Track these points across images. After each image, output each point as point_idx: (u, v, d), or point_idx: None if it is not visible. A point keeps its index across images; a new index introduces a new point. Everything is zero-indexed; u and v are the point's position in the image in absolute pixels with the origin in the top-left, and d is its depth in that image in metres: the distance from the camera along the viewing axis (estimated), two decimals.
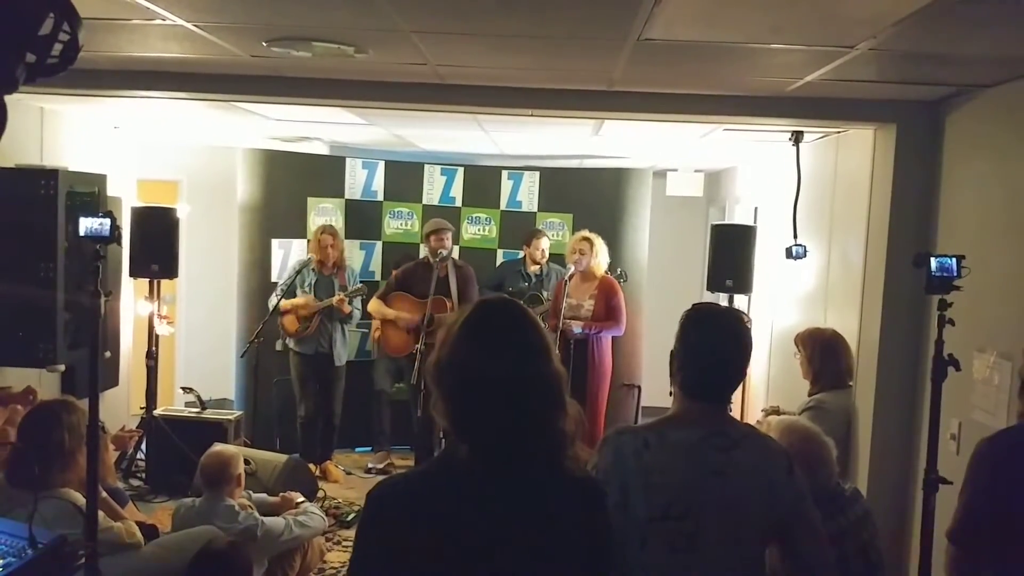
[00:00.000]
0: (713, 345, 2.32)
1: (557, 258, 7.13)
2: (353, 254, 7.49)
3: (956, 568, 2.28)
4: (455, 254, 7.29)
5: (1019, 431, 2.35)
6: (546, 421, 1.75)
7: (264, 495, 4.78)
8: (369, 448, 7.26)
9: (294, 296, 6.65)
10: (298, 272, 6.69)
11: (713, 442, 2.25)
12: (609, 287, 6.51)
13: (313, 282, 6.70)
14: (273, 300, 6.64)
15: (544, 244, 7.12)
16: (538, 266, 7.11)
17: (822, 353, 4.50)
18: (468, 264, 6.87)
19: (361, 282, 6.99)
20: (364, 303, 6.83)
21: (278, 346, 6.83)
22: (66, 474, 3.46)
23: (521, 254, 7.31)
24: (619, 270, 6.80)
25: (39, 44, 1.25)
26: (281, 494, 4.79)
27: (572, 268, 6.41)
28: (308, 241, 7.09)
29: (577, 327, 6.30)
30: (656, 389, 6.68)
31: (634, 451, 2.24)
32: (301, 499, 4.71)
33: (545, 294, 6.93)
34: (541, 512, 1.75)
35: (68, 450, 3.45)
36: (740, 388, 6.85)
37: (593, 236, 6.51)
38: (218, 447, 4.54)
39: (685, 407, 2.34)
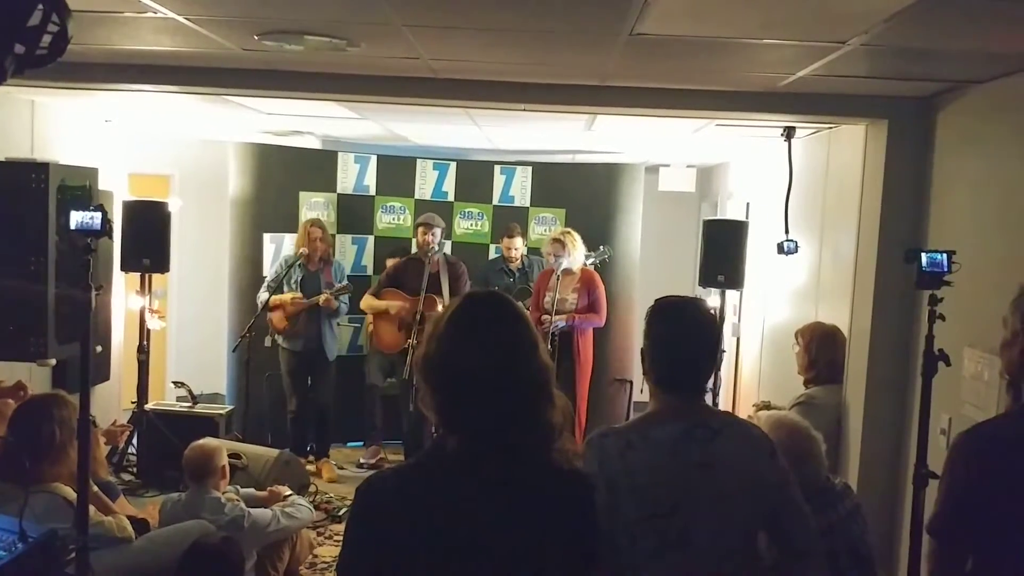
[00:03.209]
0: (680, 336, 2.34)
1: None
2: (345, 248, 7.50)
3: (936, 561, 2.29)
4: (448, 249, 7.30)
5: (997, 424, 2.36)
6: (534, 414, 1.76)
7: (252, 490, 4.78)
8: (361, 443, 7.26)
9: (282, 292, 6.63)
10: (289, 267, 6.67)
11: (695, 434, 2.26)
12: (590, 280, 6.52)
13: (299, 279, 6.67)
14: (263, 296, 6.62)
15: (517, 243, 7.09)
16: (518, 261, 7.12)
17: (819, 343, 4.52)
18: (461, 261, 6.88)
19: (349, 277, 6.99)
20: (351, 299, 6.84)
21: (267, 342, 6.81)
22: (57, 468, 3.46)
23: (501, 251, 7.32)
24: (601, 247, 6.79)
25: (28, 35, 1.25)
26: (268, 488, 4.80)
27: (563, 263, 6.39)
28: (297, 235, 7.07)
29: (561, 320, 6.30)
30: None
31: (618, 452, 2.25)
32: (288, 492, 4.71)
33: (532, 285, 6.94)
34: (529, 504, 1.76)
35: (59, 444, 3.44)
36: (731, 383, 6.92)
37: (564, 235, 6.45)
38: (200, 440, 4.54)
39: (663, 402, 2.35)
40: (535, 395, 1.76)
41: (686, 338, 2.33)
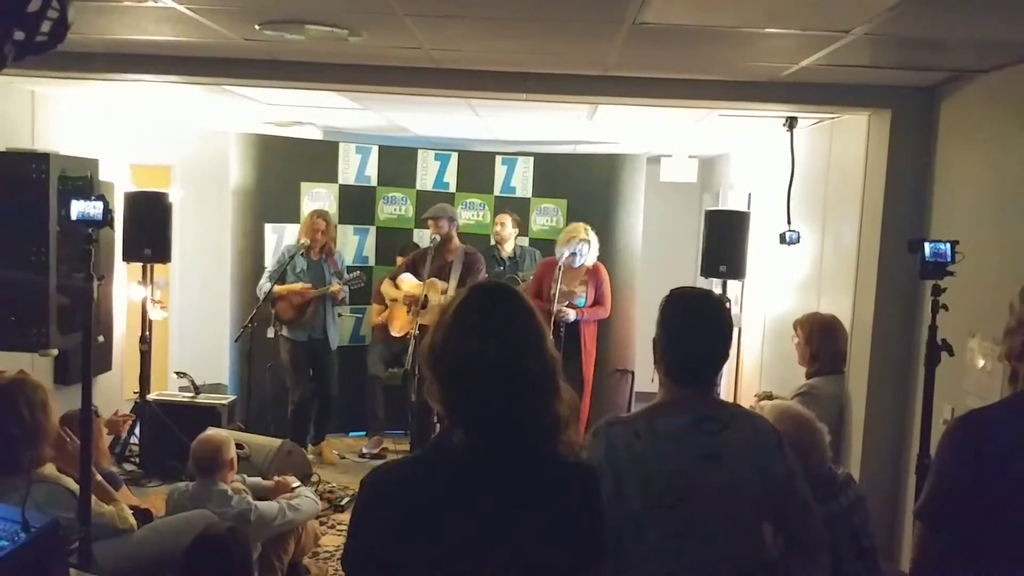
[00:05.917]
0: (694, 329, 2.33)
1: (551, 243, 7.09)
2: (347, 239, 7.49)
3: (923, 545, 2.28)
4: None
5: (989, 411, 2.35)
6: (540, 405, 1.74)
7: (259, 479, 4.77)
8: (363, 433, 7.27)
9: (284, 282, 6.63)
10: (292, 257, 6.66)
11: (704, 427, 2.26)
12: (598, 273, 6.50)
13: (305, 267, 6.67)
14: (265, 285, 6.59)
15: (506, 220, 7.14)
16: (510, 249, 7.15)
17: (820, 335, 4.51)
18: (479, 252, 6.87)
19: (349, 268, 7.02)
20: (362, 290, 6.89)
21: (269, 333, 6.79)
22: (39, 450, 3.38)
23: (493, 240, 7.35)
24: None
25: (28, 21, 1.24)
26: (276, 478, 4.78)
27: (566, 253, 6.35)
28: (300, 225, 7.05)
29: (572, 315, 6.29)
30: (650, 374, 6.68)
31: (626, 442, 2.24)
32: (297, 483, 4.70)
33: (520, 275, 6.93)
34: (535, 497, 1.75)
35: (33, 425, 3.36)
36: (733, 374, 6.91)
37: (587, 232, 6.43)
38: (209, 432, 4.52)
39: (672, 393, 2.35)
40: (542, 387, 1.75)
41: (699, 331, 2.32)
